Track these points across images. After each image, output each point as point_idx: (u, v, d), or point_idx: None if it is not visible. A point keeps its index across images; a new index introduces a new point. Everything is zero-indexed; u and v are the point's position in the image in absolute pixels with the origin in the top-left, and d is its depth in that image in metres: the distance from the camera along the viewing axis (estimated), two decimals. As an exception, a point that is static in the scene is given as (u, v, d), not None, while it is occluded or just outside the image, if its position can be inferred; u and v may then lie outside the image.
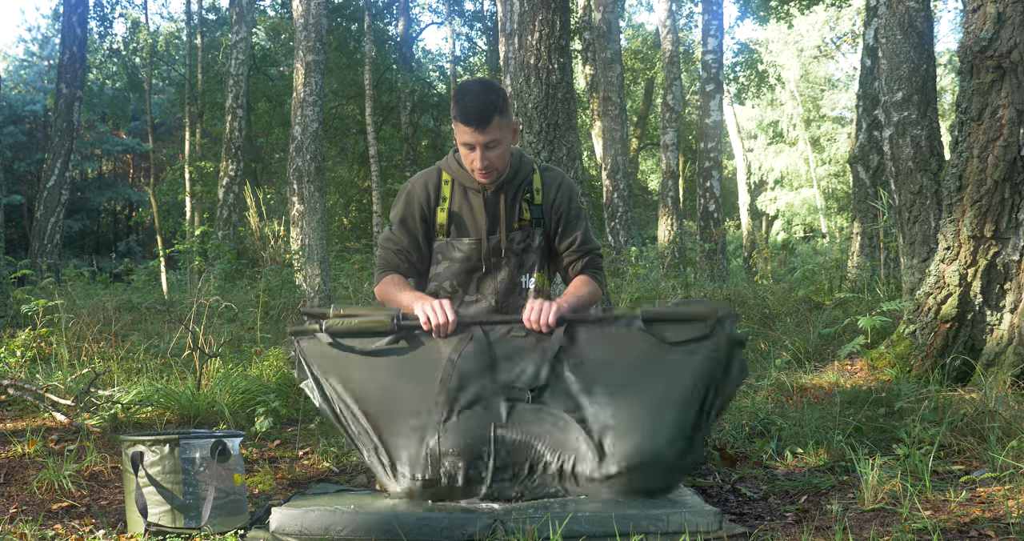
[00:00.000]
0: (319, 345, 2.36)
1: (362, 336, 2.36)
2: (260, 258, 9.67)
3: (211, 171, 16.45)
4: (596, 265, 2.70)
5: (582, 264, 2.68)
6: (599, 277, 2.69)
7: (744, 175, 24.53)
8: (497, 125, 2.45)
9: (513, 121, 2.55)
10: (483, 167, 2.51)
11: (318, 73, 10.61)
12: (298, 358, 2.37)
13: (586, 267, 2.68)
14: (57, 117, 12.60)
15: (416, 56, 21.49)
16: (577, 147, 5.44)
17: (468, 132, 2.46)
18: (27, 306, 4.56)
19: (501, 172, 2.57)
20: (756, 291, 6.68)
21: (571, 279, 2.69)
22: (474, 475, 2.16)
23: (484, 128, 2.44)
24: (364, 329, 2.36)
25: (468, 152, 2.51)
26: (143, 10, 19.57)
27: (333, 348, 2.34)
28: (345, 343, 2.35)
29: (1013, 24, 3.30)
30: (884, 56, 5.08)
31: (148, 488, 2.05)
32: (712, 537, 1.89)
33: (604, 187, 12.81)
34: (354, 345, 2.35)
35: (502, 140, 2.49)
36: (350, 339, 2.36)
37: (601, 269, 2.72)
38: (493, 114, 2.43)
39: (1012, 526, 1.89)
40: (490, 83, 2.53)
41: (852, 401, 3.22)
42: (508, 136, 2.52)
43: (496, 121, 2.45)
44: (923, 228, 4.81)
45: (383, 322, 2.36)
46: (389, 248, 2.68)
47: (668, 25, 13.96)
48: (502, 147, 2.50)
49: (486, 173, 2.54)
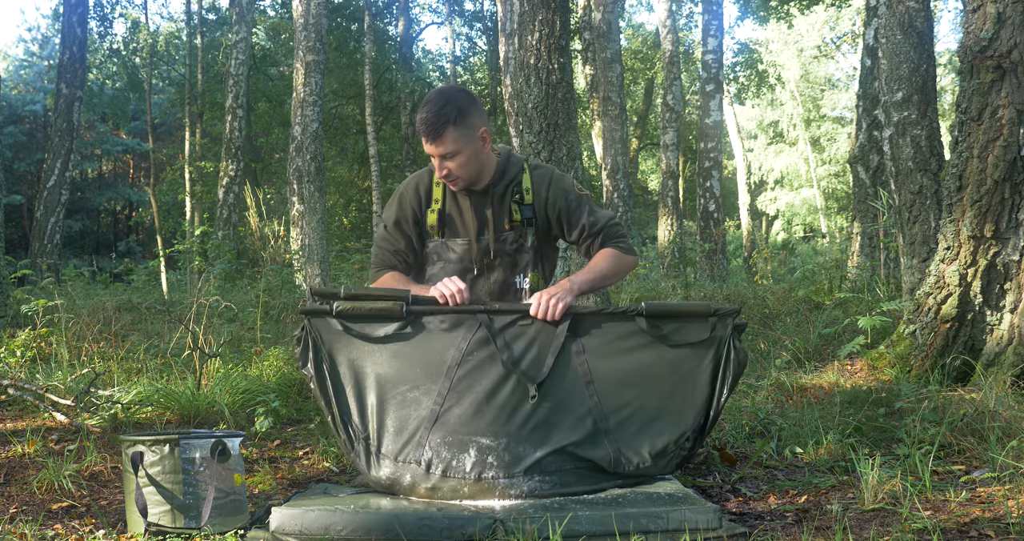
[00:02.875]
0: (331, 328, 2.37)
1: (371, 321, 2.37)
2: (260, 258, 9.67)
3: (211, 171, 16.46)
4: (614, 235, 2.68)
5: (600, 240, 2.67)
6: (622, 244, 2.67)
7: (744, 175, 24.53)
8: (451, 137, 2.49)
9: (478, 130, 2.56)
10: (442, 176, 2.57)
11: (318, 73, 10.61)
12: (306, 337, 2.36)
13: (605, 241, 2.67)
14: (57, 117, 12.60)
15: (416, 56, 21.49)
16: (577, 147, 5.44)
17: (424, 144, 2.54)
18: (27, 306, 4.56)
19: (467, 180, 2.60)
20: (756, 291, 6.68)
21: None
22: (472, 467, 2.18)
23: (436, 140, 2.50)
24: (374, 314, 2.36)
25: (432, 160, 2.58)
26: (143, 10, 19.58)
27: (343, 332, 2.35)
28: (355, 329, 2.36)
29: (1013, 24, 3.30)
30: (884, 56, 5.08)
31: (148, 488, 2.05)
32: (712, 535, 1.89)
33: (604, 187, 12.80)
34: (363, 331, 2.36)
35: (460, 150, 2.52)
36: (359, 324, 2.36)
37: (623, 236, 2.70)
38: (445, 127, 2.48)
39: (1012, 526, 1.89)
40: (451, 94, 2.55)
41: (852, 401, 3.22)
42: (469, 146, 2.54)
43: (450, 133, 2.49)
44: (923, 228, 4.81)
45: (392, 308, 2.36)
46: (385, 248, 2.70)
47: (668, 25, 13.96)
48: (462, 157, 2.54)
49: (450, 182, 2.59)
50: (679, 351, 2.35)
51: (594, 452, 2.24)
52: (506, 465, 2.18)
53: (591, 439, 2.25)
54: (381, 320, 2.36)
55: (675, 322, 2.37)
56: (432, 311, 2.38)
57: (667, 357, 2.34)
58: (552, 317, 2.35)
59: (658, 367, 2.34)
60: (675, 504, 1.99)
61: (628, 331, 2.37)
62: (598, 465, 2.23)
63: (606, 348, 2.35)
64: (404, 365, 2.34)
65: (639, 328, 2.36)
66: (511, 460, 2.19)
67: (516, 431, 2.23)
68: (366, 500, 2.16)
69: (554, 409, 2.27)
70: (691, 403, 2.33)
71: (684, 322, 2.37)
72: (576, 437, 2.24)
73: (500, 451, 2.20)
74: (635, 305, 2.38)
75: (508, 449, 2.20)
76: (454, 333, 2.36)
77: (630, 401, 2.30)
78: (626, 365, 2.34)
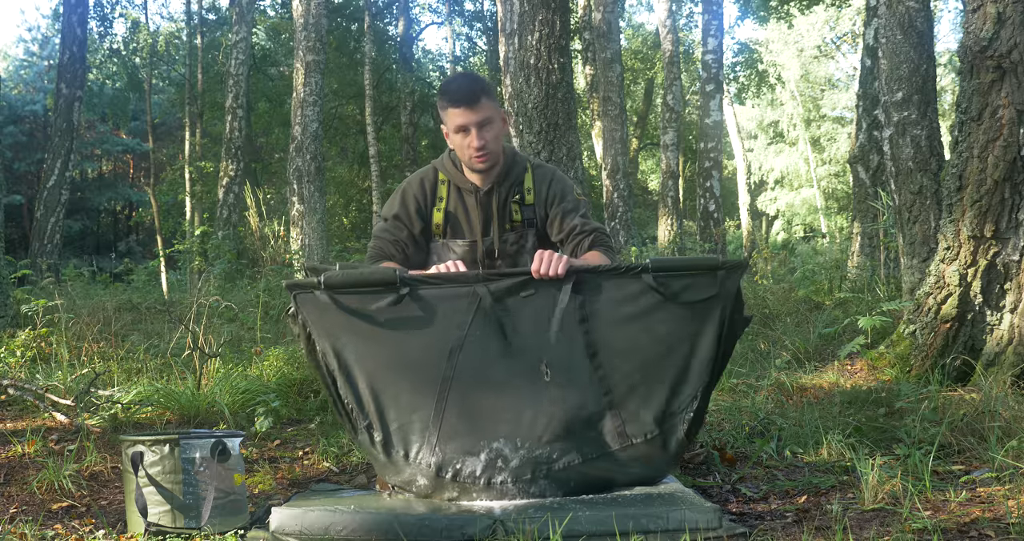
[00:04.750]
0: (319, 304, 2.22)
1: (363, 290, 2.22)
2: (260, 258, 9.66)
3: (211, 171, 16.46)
4: (604, 242, 2.63)
5: (589, 241, 2.60)
6: (610, 254, 2.60)
7: (744, 175, 24.54)
8: (487, 105, 2.50)
9: (502, 110, 2.57)
10: (479, 147, 2.50)
11: (318, 73, 10.62)
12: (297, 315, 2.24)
13: (594, 244, 2.60)
14: (57, 117, 12.60)
15: (416, 56, 21.49)
16: (577, 147, 5.44)
17: (459, 113, 2.49)
18: (27, 306, 4.55)
19: (497, 157, 2.57)
20: (756, 291, 6.68)
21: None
22: (482, 472, 2.16)
23: (474, 106, 2.48)
24: (365, 281, 2.22)
25: (463, 138, 2.52)
26: (143, 10, 19.60)
27: (334, 307, 2.20)
28: (345, 302, 2.21)
29: (1013, 24, 3.30)
30: (884, 56, 5.08)
31: (148, 488, 2.05)
32: (712, 535, 1.88)
33: (604, 187, 12.81)
34: (355, 305, 2.21)
35: (493, 120, 2.52)
36: (350, 297, 2.22)
37: (611, 247, 2.64)
38: (480, 94, 2.49)
39: (1012, 526, 1.89)
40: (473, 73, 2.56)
41: (852, 401, 3.22)
42: (499, 120, 2.54)
43: (485, 101, 2.49)
44: (923, 228, 4.81)
45: (386, 275, 2.22)
46: (385, 238, 2.62)
47: (668, 25, 13.96)
48: (495, 129, 2.52)
49: (483, 157, 2.53)
50: (689, 308, 2.25)
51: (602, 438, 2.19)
52: (515, 470, 2.15)
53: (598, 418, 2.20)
54: (374, 292, 2.21)
55: (684, 278, 2.25)
56: (428, 281, 2.25)
57: (676, 315, 2.24)
58: (555, 272, 2.23)
59: (667, 327, 2.24)
60: (675, 504, 1.99)
61: (636, 291, 2.25)
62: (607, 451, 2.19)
63: (613, 312, 2.25)
64: (402, 346, 2.22)
65: (647, 285, 2.24)
66: (520, 465, 2.15)
67: (524, 431, 2.17)
68: (366, 500, 2.16)
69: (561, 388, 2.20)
70: (699, 360, 2.25)
71: (693, 277, 2.26)
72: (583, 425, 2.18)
73: (508, 455, 2.16)
74: (640, 263, 2.27)
75: (516, 452, 2.16)
76: (454, 309, 2.23)
77: (638, 367, 2.23)
78: (634, 328, 2.24)
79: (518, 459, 2.16)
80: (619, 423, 2.20)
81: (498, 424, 2.19)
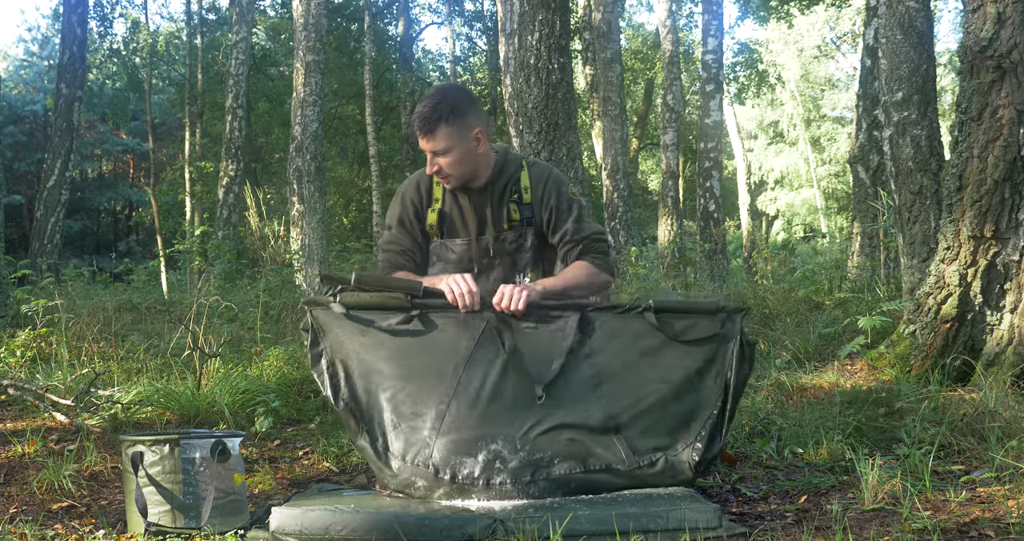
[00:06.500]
0: (332, 314, 2.33)
1: (377, 311, 2.33)
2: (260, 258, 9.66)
3: (211, 171, 16.46)
4: (594, 250, 2.63)
5: (577, 252, 2.63)
6: (598, 261, 2.61)
7: (744, 175, 24.54)
8: (443, 134, 2.50)
9: (473, 129, 2.55)
10: (433, 172, 2.57)
11: (318, 73, 10.61)
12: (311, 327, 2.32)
13: (583, 254, 2.62)
14: (57, 117, 12.60)
15: (416, 56, 21.50)
16: (577, 147, 5.44)
17: (418, 139, 2.55)
18: (27, 306, 4.55)
19: (459, 178, 2.60)
20: (756, 291, 6.68)
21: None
22: (480, 473, 2.16)
23: (429, 136, 2.51)
24: (379, 305, 2.33)
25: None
26: (143, 10, 19.60)
27: (347, 320, 2.31)
28: (357, 315, 2.32)
29: (1013, 24, 3.30)
30: (884, 56, 5.08)
31: (148, 488, 2.05)
32: (712, 535, 1.88)
33: (604, 187, 12.81)
34: (369, 319, 2.32)
35: (452, 148, 2.53)
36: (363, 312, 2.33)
37: (603, 253, 2.65)
38: (438, 123, 2.50)
39: (1012, 526, 1.89)
40: (448, 92, 2.57)
41: (852, 401, 3.22)
42: (462, 144, 2.54)
43: (442, 130, 2.50)
44: (923, 228, 4.81)
45: (399, 299, 2.33)
46: (392, 250, 2.68)
47: (668, 25, 13.96)
48: (453, 155, 2.54)
49: (441, 179, 2.60)
50: (690, 347, 2.32)
51: (606, 455, 2.20)
52: (514, 471, 2.15)
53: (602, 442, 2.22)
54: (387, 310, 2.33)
55: (685, 319, 2.35)
56: (438, 308, 2.35)
57: (678, 353, 2.32)
58: (515, 307, 2.32)
59: (669, 363, 2.31)
60: (675, 504, 1.99)
61: (639, 329, 2.34)
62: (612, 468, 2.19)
63: (617, 348, 2.33)
64: (410, 360, 2.30)
65: (649, 325, 2.34)
66: (519, 466, 2.16)
67: (524, 435, 2.19)
68: (366, 500, 2.16)
69: (563, 411, 2.24)
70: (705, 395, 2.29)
71: (694, 319, 2.35)
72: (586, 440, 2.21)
73: (507, 456, 2.17)
74: (642, 302, 2.37)
75: (516, 454, 2.17)
76: (461, 331, 2.33)
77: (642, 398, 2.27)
78: (637, 365, 2.31)
79: (517, 461, 2.16)
80: (624, 446, 2.22)
81: (498, 427, 2.21)
